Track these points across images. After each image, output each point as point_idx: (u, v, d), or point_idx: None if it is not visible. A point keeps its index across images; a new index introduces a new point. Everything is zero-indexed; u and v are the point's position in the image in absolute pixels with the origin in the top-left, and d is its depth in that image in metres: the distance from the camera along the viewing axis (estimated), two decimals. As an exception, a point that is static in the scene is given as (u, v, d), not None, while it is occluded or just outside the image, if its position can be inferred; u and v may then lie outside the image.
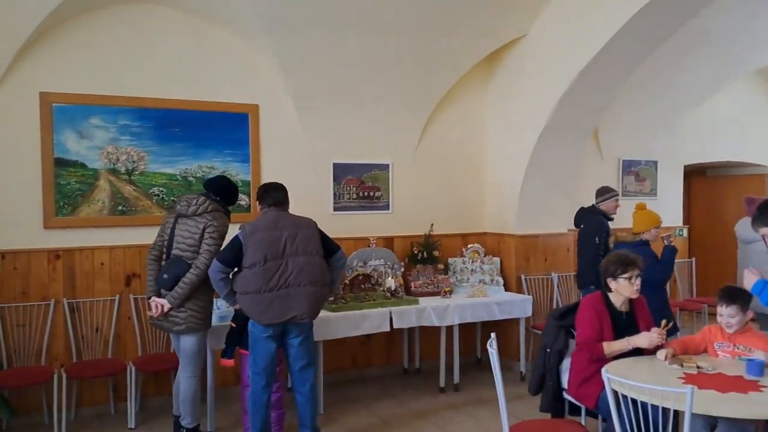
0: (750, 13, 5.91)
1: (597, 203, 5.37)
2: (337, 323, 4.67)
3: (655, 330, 3.32)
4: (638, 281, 3.41)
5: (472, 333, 6.05)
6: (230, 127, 5.11)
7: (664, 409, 2.58)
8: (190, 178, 4.99)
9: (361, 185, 5.63)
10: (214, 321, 4.27)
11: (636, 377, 2.79)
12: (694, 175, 8.46)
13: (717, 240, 8.04)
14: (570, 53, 5.11)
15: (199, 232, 3.90)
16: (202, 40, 4.97)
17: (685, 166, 7.59)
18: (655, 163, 7.27)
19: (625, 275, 3.38)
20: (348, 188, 5.58)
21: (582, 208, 5.48)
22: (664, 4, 4.46)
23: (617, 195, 5.37)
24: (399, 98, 5.55)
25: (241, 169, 5.14)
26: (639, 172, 7.20)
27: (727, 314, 3.28)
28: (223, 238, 3.96)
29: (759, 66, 7.23)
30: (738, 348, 3.32)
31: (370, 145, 5.64)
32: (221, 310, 4.41)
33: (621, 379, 2.69)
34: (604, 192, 5.38)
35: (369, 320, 4.80)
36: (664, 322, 3.27)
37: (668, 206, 7.35)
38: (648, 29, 4.76)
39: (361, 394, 5.22)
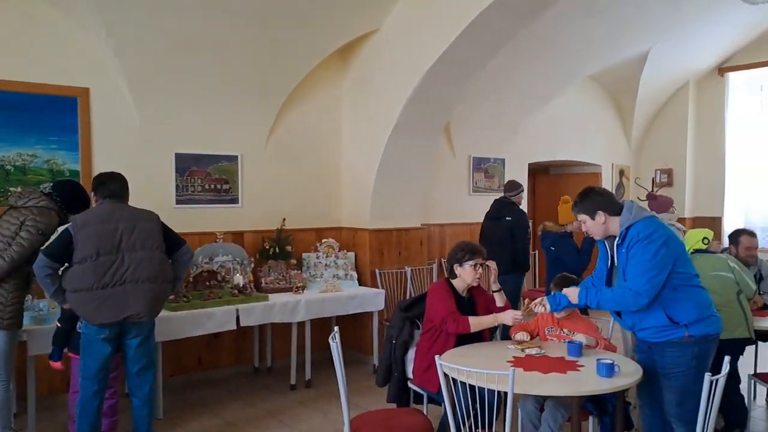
0: (585, 23, 6.47)
1: (511, 196, 5.97)
2: (179, 322, 4.42)
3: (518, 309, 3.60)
4: (481, 270, 3.62)
5: (327, 328, 6.02)
6: (57, 112, 4.65)
7: (500, 392, 2.69)
8: (8, 167, 4.48)
9: (207, 177, 5.38)
10: (32, 323, 3.88)
11: (470, 363, 2.90)
12: (538, 172, 9.09)
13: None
14: (420, 49, 5.25)
15: (18, 224, 3.57)
16: (28, 17, 4.49)
17: (529, 164, 8.12)
18: (503, 160, 7.70)
19: (471, 262, 3.59)
20: (193, 180, 5.31)
21: (500, 201, 6.03)
22: (507, 6, 4.70)
23: (523, 189, 6.13)
24: (247, 88, 5.38)
25: (68, 158, 4.70)
26: (488, 169, 7.59)
27: None
28: (43, 235, 3.62)
29: (593, 72, 7.94)
30: (563, 332, 3.59)
31: (217, 135, 5.41)
32: (44, 311, 4.02)
33: (451, 364, 2.78)
34: (516, 186, 6.03)
35: (213, 319, 4.59)
36: (527, 301, 3.49)
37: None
38: (493, 29, 5.00)
39: (207, 396, 4.99)
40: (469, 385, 2.74)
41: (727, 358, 2.69)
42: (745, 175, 8.45)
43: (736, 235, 4.69)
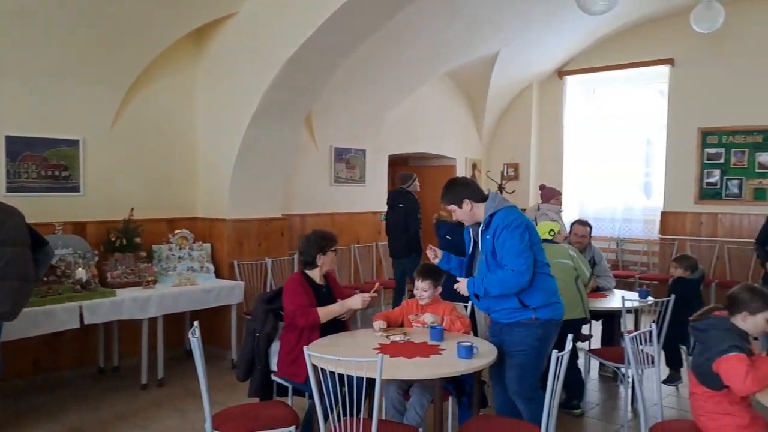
0: (442, 21, 6.75)
1: (406, 186, 6.68)
2: (10, 323, 3.96)
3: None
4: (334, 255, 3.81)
5: (181, 324, 5.75)
6: None
7: (369, 380, 2.73)
8: None
9: (44, 163, 4.87)
10: None
11: (338, 352, 2.92)
12: (397, 163, 9.35)
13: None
14: (281, 37, 5.15)
15: None
16: None
17: (390, 156, 8.34)
18: (364, 151, 7.83)
19: (334, 248, 3.78)
20: (27, 166, 4.77)
21: (396, 191, 6.78)
22: (369, -1, 4.77)
23: (416, 177, 6.85)
24: (92, 66, 4.95)
25: None
26: (349, 160, 7.67)
27: (421, 288, 3.69)
28: None
29: (449, 68, 8.31)
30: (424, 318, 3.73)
31: (54, 117, 4.91)
32: None
33: (320, 354, 2.78)
34: (408, 177, 6.78)
35: (53, 317, 4.19)
36: (377, 283, 3.59)
37: (375, 192, 8.00)
38: (355, 21, 5.04)
39: (47, 401, 4.54)
40: (338, 373, 2.76)
41: (570, 336, 2.96)
42: (581, 170, 9.34)
43: (570, 225, 5.19)
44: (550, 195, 6.25)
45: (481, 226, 3.30)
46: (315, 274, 3.73)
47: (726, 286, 7.52)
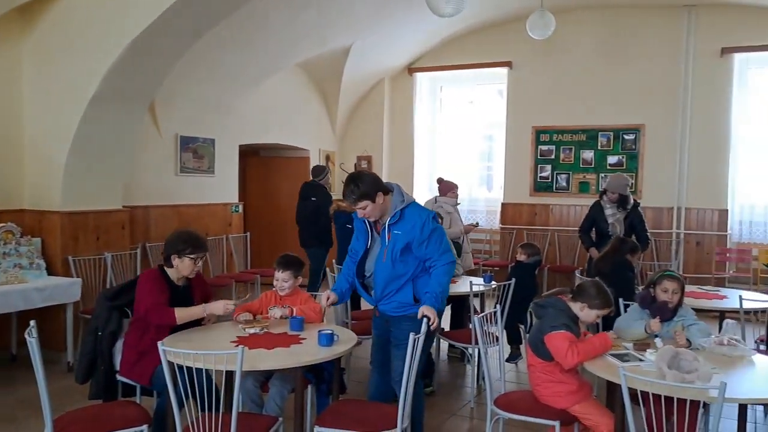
0: (294, 11, 6.73)
1: (319, 179, 6.85)
2: None
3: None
4: (200, 263, 3.49)
5: (6, 327, 5.19)
6: None
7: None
8: None
9: None
10: None
11: (193, 347, 2.83)
12: (249, 154, 9.17)
13: (270, 216, 8.93)
14: (121, 20, 4.85)
15: None
16: None
17: (240, 146, 8.15)
18: (213, 141, 7.58)
19: (192, 256, 3.44)
20: None
21: (308, 183, 6.96)
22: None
23: (329, 171, 7.12)
24: None
25: None
26: (197, 149, 7.38)
27: (281, 278, 3.69)
28: None
29: (302, 59, 8.30)
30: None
31: None
32: None
33: (176, 349, 2.69)
34: (321, 171, 7.00)
35: None
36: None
37: (225, 183, 7.79)
38: (205, 4, 4.88)
39: None
40: (196, 369, 2.68)
41: (425, 320, 3.13)
42: (429, 163, 9.80)
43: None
44: (447, 188, 6.59)
45: (389, 219, 3.23)
46: (172, 274, 3.50)
47: (556, 270, 8.39)
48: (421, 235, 3.18)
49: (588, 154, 8.62)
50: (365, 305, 5.00)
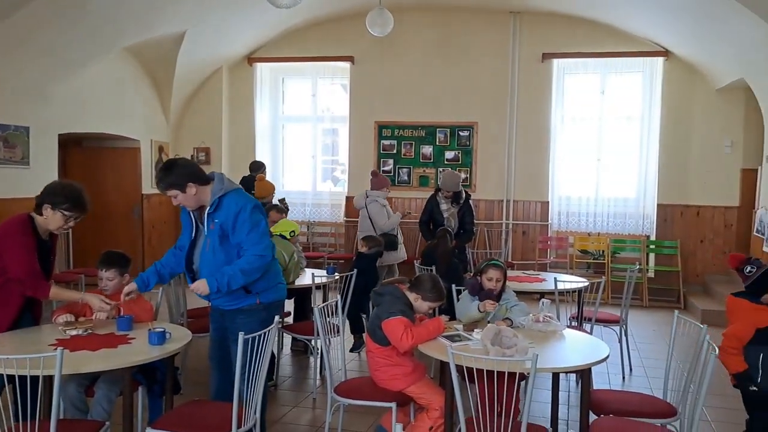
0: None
1: (256, 174, 7.30)
2: None
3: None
4: (72, 222, 3.34)
5: None
6: None
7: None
8: None
9: None
10: None
11: (5, 351, 2.60)
12: (71, 145, 8.47)
13: (96, 210, 8.18)
14: None
15: None
16: None
17: (60, 135, 7.51)
18: (27, 129, 6.91)
19: (68, 213, 3.27)
20: None
21: (247, 177, 7.40)
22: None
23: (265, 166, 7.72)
24: None
25: None
26: (8, 138, 6.69)
27: (105, 278, 3.54)
28: None
29: (130, 44, 7.83)
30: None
31: None
32: None
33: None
34: (259, 166, 7.57)
35: None
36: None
37: (43, 175, 7.10)
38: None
39: None
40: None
41: (277, 318, 3.15)
42: (273, 157, 9.72)
43: (266, 210, 5.44)
44: (381, 184, 6.71)
45: (208, 209, 3.18)
46: (39, 223, 3.25)
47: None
48: (236, 221, 3.16)
49: (427, 149, 9.09)
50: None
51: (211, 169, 9.01)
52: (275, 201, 7.27)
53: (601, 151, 8.80)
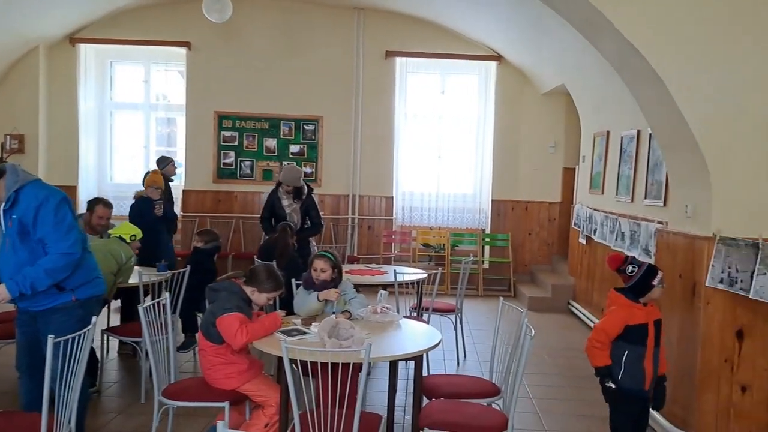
0: None
1: (162, 169, 6.81)
2: None
3: None
4: None
5: None
6: None
7: None
8: None
9: None
10: None
11: None
12: None
13: None
14: None
15: None
16: None
17: None
18: None
19: None
20: None
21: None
22: None
23: (172, 161, 7.24)
24: None
25: None
26: None
27: None
28: None
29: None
30: None
31: None
32: None
33: None
34: (164, 160, 7.11)
35: None
36: None
37: None
38: None
39: None
40: None
41: (94, 318, 2.90)
42: (102, 146, 9.03)
43: (92, 204, 5.02)
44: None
45: (4, 204, 2.91)
46: None
47: (241, 257, 8.53)
48: (36, 216, 2.94)
49: (271, 142, 8.95)
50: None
51: (26, 158, 8.38)
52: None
53: (441, 148, 9.23)
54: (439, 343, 3.39)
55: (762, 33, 3.65)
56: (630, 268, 3.30)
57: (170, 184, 7.01)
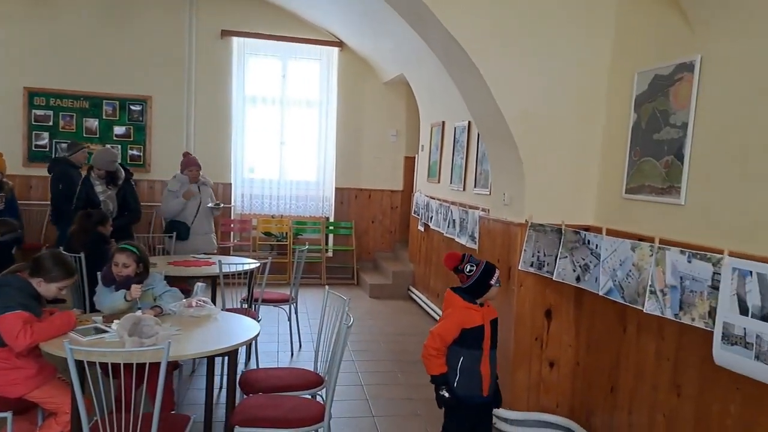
0: None
1: (68, 155, 6.34)
2: None
3: None
4: None
5: None
6: None
7: None
8: None
9: None
10: None
11: None
12: None
13: None
14: None
15: None
16: None
17: None
18: None
19: None
20: None
21: (54, 159, 6.74)
22: None
23: (85, 148, 6.54)
24: None
25: None
26: None
27: None
28: None
29: None
30: None
31: None
32: None
33: None
34: (72, 146, 6.46)
35: None
36: None
37: None
38: None
39: None
40: None
41: None
42: None
43: None
44: (185, 165, 6.21)
45: None
46: None
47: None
48: None
49: (92, 123, 8.27)
50: None
51: None
52: None
53: (284, 134, 9.07)
54: (256, 336, 3.29)
55: (576, 34, 3.91)
56: (468, 267, 3.10)
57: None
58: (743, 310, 2.42)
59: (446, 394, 3.03)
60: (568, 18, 3.90)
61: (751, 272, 2.40)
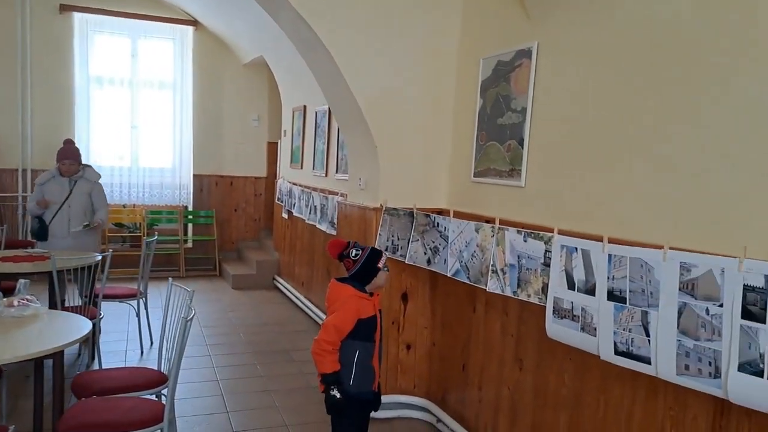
0: None
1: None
2: None
3: None
4: None
5: None
6: None
7: None
8: None
9: None
10: None
11: None
12: None
13: None
14: None
15: None
16: None
17: None
18: None
19: None
20: None
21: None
22: None
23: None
24: None
25: None
26: None
27: None
28: None
29: None
30: None
31: None
32: None
33: None
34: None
35: None
36: None
37: None
38: None
39: None
40: None
41: None
42: None
43: None
44: (58, 156, 5.52)
45: None
46: None
47: None
48: None
49: None
50: None
51: None
52: None
53: (135, 118, 8.53)
54: (86, 335, 3.05)
55: (425, 20, 3.96)
56: (354, 252, 2.91)
57: None
58: (571, 285, 2.57)
59: (338, 395, 2.76)
60: (417, 3, 3.95)
61: (576, 248, 2.55)
